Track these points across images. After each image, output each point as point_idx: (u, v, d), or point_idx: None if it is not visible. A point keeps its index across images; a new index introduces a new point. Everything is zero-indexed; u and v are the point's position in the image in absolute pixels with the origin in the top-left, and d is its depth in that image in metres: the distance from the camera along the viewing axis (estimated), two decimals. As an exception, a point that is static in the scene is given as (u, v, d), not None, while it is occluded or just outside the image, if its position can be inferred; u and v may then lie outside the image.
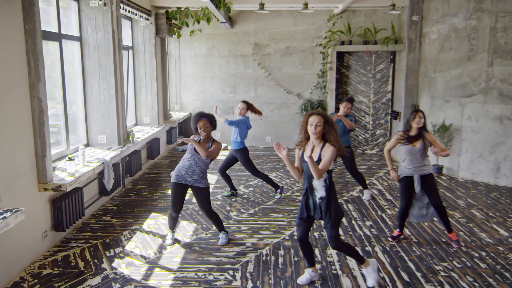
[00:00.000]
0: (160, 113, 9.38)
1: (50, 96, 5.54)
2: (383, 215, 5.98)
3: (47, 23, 5.67)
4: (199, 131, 4.78)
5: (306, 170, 3.87)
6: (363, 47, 9.66)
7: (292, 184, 7.53)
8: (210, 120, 4.81)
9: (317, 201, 3.86)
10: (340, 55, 10.04)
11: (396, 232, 5.15)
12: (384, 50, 9.57)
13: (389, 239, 5.13)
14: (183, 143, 4.87)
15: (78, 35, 6.41)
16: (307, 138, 3.88)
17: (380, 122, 10.11)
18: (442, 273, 4.30)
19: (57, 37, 5.72)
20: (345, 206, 6.36)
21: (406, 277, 4.22)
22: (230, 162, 6.83)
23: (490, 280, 4.16)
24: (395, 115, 9.60)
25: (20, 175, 4.34)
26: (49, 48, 5.65)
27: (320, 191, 3.83)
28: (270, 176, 7.51)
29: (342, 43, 9.78)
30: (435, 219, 5.68)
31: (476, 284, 4.08)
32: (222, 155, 9.83)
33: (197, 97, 11.51)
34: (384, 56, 9.82)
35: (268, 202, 6.55)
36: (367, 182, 7.60)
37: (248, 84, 10.96)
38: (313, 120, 3.78)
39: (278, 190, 6.72)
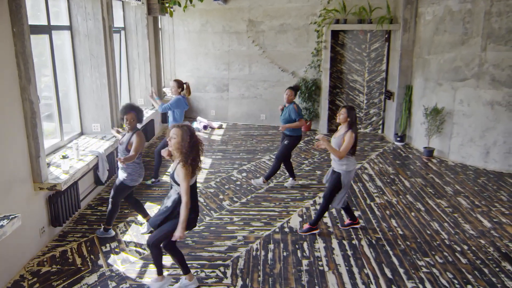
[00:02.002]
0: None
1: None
2: (372, 204, 6.15)
3: (36, 16, 5.63)
4: (125, 122, 4.89)
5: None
6: (358, 26, 9.55)
7: (284, 169, 7.65)
8: (137, 114, 4.93)
9: (162, 208, 3.98)
10: (335, 33, 9.94)
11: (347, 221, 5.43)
12: (379, 30, 9.47)
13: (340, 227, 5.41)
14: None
15: (68, 24, 6.35)
16: None
17: (374, 101, 10.14)
18: (424, 269, 4.49)
19: (47, 29, 5.68)
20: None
21: (389, 274, 4.41)
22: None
23: (469, 276, 4.36)
24: (388, 95, 9.63)
25: (16, 176, 4.44)
26: (39, 42, 5.63)
27: (169, 201, 3.95)
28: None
29: (337, 21, 9.66)
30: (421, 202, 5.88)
31: (455, 281, 4.28)
32: (217, 135, 9.95)
33: (191, 74, 11.47)
34: (379, 34, 9.73)
35: (260, 189, 6.69)
36: (359, 166, 7.74)
37: (243, 61, 10.90)
38: (170, 133, 3.90)
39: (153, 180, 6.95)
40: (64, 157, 5.00)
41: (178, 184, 3.82)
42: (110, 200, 5.08)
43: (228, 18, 10.74)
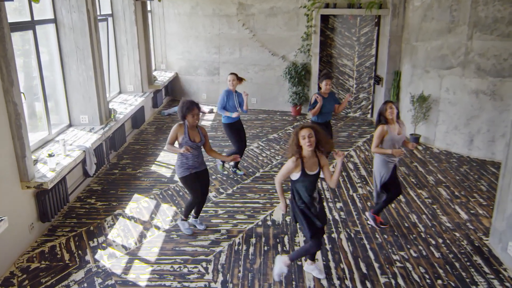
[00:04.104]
0: (144, 80, 9.40)
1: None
2: (354, 195, 6.31)
3: (19, 11, 5.63)
4: (192, 118, 4.86)
5: (309, 184, 4.08)
6: (347, 11, 9.50)
7: (272, 158, 7.78)
8: (199, 108, 4.96)
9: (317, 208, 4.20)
10: (325, 17, 9.90)
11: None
12: (368, 14, 9.42)
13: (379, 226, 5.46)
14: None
15: (53, 17, 6.33)
16: (300, 152, 4.03)
17: (363, 85, 10.19)
18: (398, 264, 4.68)
19: (30, 25, 5.68)
20: (319, 183, 6.66)
21: (364, 269, 4.60)
22: None
23: (440, 271, 4.55)
24: (377, 80, 9.67)
25: (3, 175, 4.57)
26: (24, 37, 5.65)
27: (317, 198, 4.22)
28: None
29: (327, 5, 9.60)
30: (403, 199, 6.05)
31: (427, 276, 4.48)
32: (207, 120, 10.04)
33: (182, 57, 11.46)
34: (369, 19, 9.69)
35: (247, 180, 6.84)
36: (345, 153, 7.85)
37: (233, 45, 10.86)
38: (305, 132, 3.96)
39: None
40: (50, 155, 5.11)
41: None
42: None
43: (218, 1, 10.65)
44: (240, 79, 6.81)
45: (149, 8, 10.91)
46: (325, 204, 6.04)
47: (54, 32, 6.40)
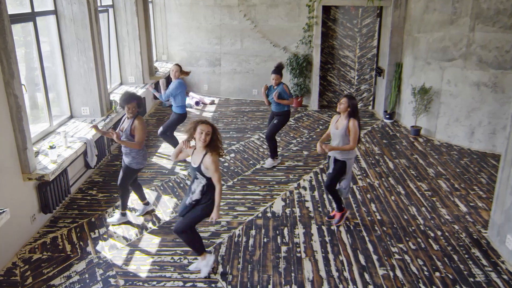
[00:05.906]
0: (145, 71, 9.40)
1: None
2: (354, 187, 6.33)
3: (20, 1, 5.63)
4: (127, 111, 5.01)
5: (191, 172, 4.18)
6: (349, 2, 9.45)
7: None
8: (138, 103, 5.03)
9: (190, 202, 4.17)
10: (327, 8, 9.84)
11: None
12: (369, 5, 9.37)
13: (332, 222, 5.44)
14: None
15: (53, 8, 6.33)
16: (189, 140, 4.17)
17: (365, 77, 10.16)
18: (397, 256, 4.72)
19: (31, 17, 5.68)
20: (319, 176, 6.70)
21: (362, 261, 4.64)
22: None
23: (438, 263, 4.59)
24: (379, 71, 9.64)
25: (5, 167, 4.60)
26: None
27: (196, 195, 4.14)
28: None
29: (329, -4, 9.55)
30: (405, 192, 6.06)
31: (425, 268, 4.51)
32: (208, 111, 10.04)
33: (183, 48, 11.44)
34: (371, 10, 9.64)
35: (247, 171, 6.87)
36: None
37: (234, 36, 10.83)
38: (203, 128, 3.99)
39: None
40: (51, 147, 5.14)
41: (204, 177, 4.05)
42: (119, 185, 5.26)
43: (219, -9, 10.61)
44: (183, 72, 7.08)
45: (148, 2, 10.87)
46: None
47: (55, 23, 6.40)
